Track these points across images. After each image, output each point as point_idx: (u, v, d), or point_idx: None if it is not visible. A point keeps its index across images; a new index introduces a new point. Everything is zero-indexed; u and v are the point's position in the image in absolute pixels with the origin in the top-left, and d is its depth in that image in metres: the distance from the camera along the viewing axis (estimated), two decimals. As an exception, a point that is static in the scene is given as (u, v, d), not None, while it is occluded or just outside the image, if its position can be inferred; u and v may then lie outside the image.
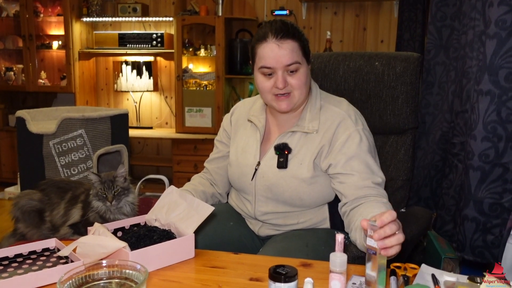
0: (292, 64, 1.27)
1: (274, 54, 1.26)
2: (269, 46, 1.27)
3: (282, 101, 1.32)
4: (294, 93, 1.32)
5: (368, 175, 1.27)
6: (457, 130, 1.74)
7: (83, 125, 2.55)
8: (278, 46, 1.26)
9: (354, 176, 1.27)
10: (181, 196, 1.27)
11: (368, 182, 1.26)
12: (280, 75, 1.28)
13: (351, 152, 1.29)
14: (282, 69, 1.28)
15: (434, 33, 1.93)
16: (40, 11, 4.27)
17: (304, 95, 1.35)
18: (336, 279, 0.89)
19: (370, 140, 1.35)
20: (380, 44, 3.96)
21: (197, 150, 3.97)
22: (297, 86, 1.30)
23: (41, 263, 1.13)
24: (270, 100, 1.34)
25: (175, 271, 1.10)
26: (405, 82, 1.60)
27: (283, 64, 1.27)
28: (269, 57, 1.27)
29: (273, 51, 1.26)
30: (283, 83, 1.28)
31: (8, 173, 4.39)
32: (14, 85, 4.39)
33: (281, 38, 1.26)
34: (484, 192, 1.53)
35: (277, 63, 1.27)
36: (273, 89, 1.31)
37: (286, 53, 1.26)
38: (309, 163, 1.33)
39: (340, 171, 1.29)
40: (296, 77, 1.30)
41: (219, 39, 3.91)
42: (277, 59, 1.26)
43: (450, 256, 1.70)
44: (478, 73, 1.53)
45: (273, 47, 1.26)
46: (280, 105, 1.32)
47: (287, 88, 1.30)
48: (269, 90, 1.32)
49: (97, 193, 1.40)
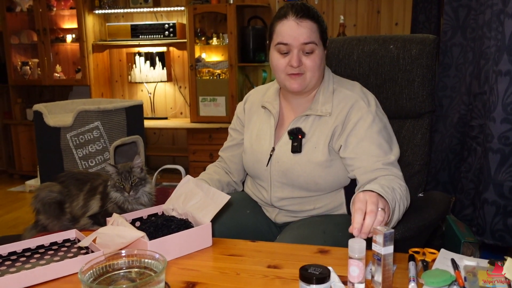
0: (309, 43, 1.27)
1: (293, 31, 1.27)
2: (288, 24, 1.28)
3: (294, 80, 1.32)
4: (306, 75, 1.32)
5: (378, 157, 1.26)
6: (475, 113, 1.71)
7: (99, 117, 2.58)
8: (297, 24, 1.27)
9: (364, 161, 1.27)
10: (198, 185, 1.27)
11: (378, 164, 1.25)
12: (296, 53, 1.29)
13: (361, 134, 1.28)
14: (298, 47, 1.28)
15: (450, 13, 1.89)
16: (53, 5, 4.30)
17: (316, 78, 1.34)
18: (355, 265, 0.89)
19: (384, 120, 1.34)
20: (395, 27, 3.89)
21: (212, 139, 3.99)
22: (311, 67, 1.30)
23: (62, 254, 1.15)
24: (283, 80, 1.34)
25: (193, 260, 1.11)
26: (421, 65, 1.57)
27: (300, 41, 1.27)
28: (287, 34, 1.28)
29: (292, 28, 1.27)
30: (298, 61, 1.29)
31: (28, 166, 4.47)
32: (31, 79, 4.45)
33: (301, 17, 1.27)
34: (504, 175, 1.50)
35: (294, 40, 1.27)
36: (287, 67, 1.31)
37: (305, 31, 1.27)
38: (324, 146, 1.32)
39: (351, 155, 1.29)
40: (311, 58, 1.30)
41: (231, 27, 3.89)
42: (295, 36, 1.27)
43: (469, 240, 1.69)
44: (496, 54, 1.49)
45: (292, 25, 1.27)
46: (292, 83, 1.32)
47: (301, 68, 1.30)
48: (283, 68, 1.32)
49: (114, 184, 1.42)
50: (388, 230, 0.89)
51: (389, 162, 1.26)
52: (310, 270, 0.86)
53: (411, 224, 1.32)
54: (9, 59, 4.41)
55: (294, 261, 1.08)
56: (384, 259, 0.90)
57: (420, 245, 1.19)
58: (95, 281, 0.87)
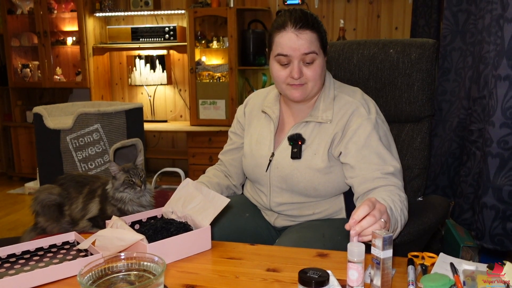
0: (309, 53, 1.26)
1: (292, 43, 1.25)
2: (287, 35, 1.26)
3: (296, 90, 1.31)
4: (308, 85, 1.31)
5: (378, 166, 1.25)
6: (474, 117, 1.71)
7: (99, 120, 2.58)
8: (296, 35, 1.25)
9: (363, 169, 1.26)
10: (197, 188, 1.28)
11: (377, 173, 1.24)
12: (296, 64, 1.27)
13: (361, 141, 1.27)
14: (298, 58, 1.27)
15: (450, 18, 1.89)
16: (53, 8, 4.31)
17: (318, 87, 1.34)
18: (354, 268, 0.89)
19: (384, 128, 1.33)
20: (395, 31, 3.90)
21: (212, 142, 3.99)
22: (312, 77, 1.29)
23: (61, 256, 1.15)
24: (284, 89, 1.33)
25: (192, 263, 1.11)
26: (420, 69, 1.58)
27: (301, 52, 1.25)
28: (286, 45, 1.26)
29: (291, 40, 1.25)
30: (299, 73, 1.27)
31: (28, 168, 4.47)
32: (31, 82, 4.46)
33: (300, 28, 1.25)
34: (503, 179, 1.51)
35: (295, 51, 1.26)
36: (288, 78, 1.30)
37: (304, 42, 1.25)
38: (324, 153, 1.32)
39: (350, 161, 1.28)
40: (312, 68, 1.29)
41: (232, 30, 3.90)
42: (295, 48, 1.25)
43: (468, 245, 1.68)
44: (496, 58, 1.49)
45: (291, 36, 1.25)
46: (293, 93, 1.32)
47: (302, 79, 1.29)
48: (283, 79, 1.31)
49: (122, 182, 1.42)
50: (387, 234, 0.89)
51: (388, 172, 1.25)
52: (309, 273, 0.86)
53: (410, 228, 1.32)
54: (9, 61, 4.42)
55: (293, 264, 1.08)
56: (383, 263, 0.90)
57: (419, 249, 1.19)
58: (94, 283, 0.87)
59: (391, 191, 1.19)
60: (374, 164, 1.26)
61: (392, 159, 1.28)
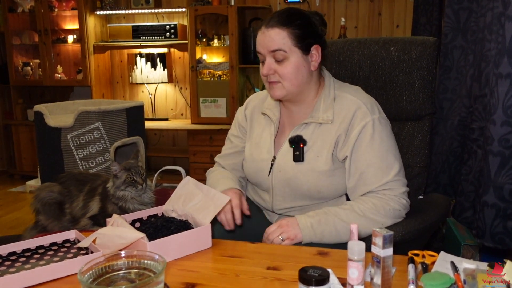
0: (276, 51, 1.28)
1: (261, 40, 1.31)
2: (260, 33, 1.32)
3: (273, 88, 1.33)
4: (283, 83, 1.31)
5: (378, 177, 1.27)
6: (475, 115, 1.71)
7: (99, 118, 2.58)
8: (264, 33, 1.30)
9: (361, 180, 1.28)
10: (197, 186, 1.28)
11: (377, 179, 1.27)
12: (266, 61, 1.31)
13: (364, 145, 1.28)
14: (268, 54, 1.30)
15: (451, 16, 1.89)
16: (54, 6, 4.31)
17: (296, 86, 1.32)
18: (354, 267, 0.89)
19: (387, 129, 1.33)
20: (396, 29, 3.89)
21: (213, 140, 3.99)
22: (284, 75, 1.30)
23: (62, 254, 1.15)
24: (267, 88, 1.37)
25: (193, 261, 1.11)
26: (421, 67, 1.57)
27: (268, 49, 1.29)
28: (258, 43, 1.32)
29: (260, 37, 1.31)
30: (267, 69, 1.31)
31: (29, 166, 4.48)
32: (32, 80, 4.46)
33: (270, 25, 1.29)
34: (504, 178, 1.50)
35: (263, 49, 1.30)
36: (264, 76, 1.34)
37: (270, 40, 1.28)
38: (327, 156, 1.31)
39: (352, 168, 1.29)
40: (283, 66, 1.29)
41: (232, 28, 3.89)
42: (263, 45, 1.30)
43: (469, 243, 1.68)
44: (497, 56, 1.49)
45: (261, 34, 1.31)
46: (272, 91, 1.34)
47: (275, 76, 1.31)
48: (263, 77, 1.35)
49: (124, 180, 1.42)
50: (387, 233, 0.89)
51: (388, 180, 1.26)
52: (309, 272, 0.86)
53: (411, 226, 1.32)
54: (10, 59, 4.42)
55: (293, 262, 1.08)
56: (384, 261, 0.90)
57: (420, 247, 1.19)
58: (94, 281, 0.87)
59: (380, 199, 1.26)
60: (377, 168, 1.27)
61: (395, 161, 1.29)
